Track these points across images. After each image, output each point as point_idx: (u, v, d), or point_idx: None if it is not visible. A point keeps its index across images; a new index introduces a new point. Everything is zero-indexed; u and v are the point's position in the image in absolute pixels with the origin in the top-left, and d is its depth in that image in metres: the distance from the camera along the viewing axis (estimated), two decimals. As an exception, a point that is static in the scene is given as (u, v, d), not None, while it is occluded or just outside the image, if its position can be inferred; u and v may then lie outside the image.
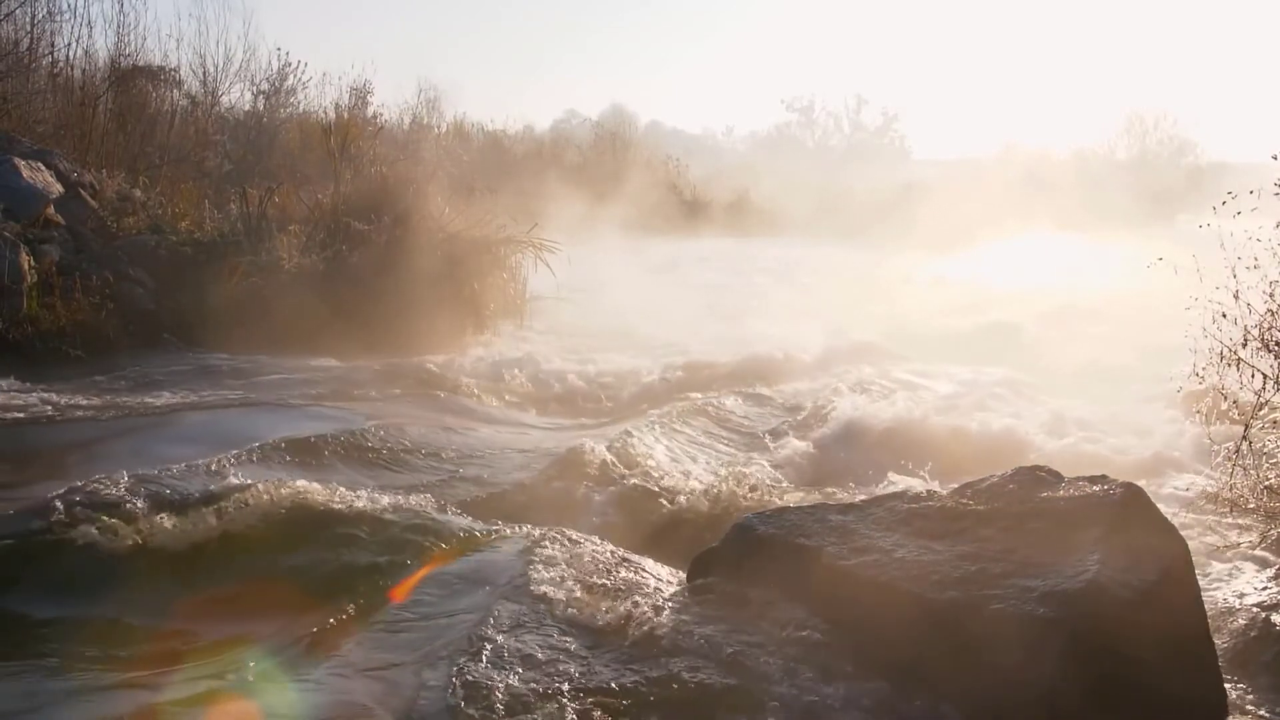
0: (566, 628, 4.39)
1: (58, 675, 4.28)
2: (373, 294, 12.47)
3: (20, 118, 15.63)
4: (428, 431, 8.03)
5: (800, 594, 4.40)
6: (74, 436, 7.88)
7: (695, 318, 16.01)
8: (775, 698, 3.88)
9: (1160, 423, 9.01)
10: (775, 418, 9.71)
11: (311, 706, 3.91)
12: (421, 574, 5.07)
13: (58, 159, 13.35)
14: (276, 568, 5.26)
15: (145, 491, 5.81)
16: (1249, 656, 4.57)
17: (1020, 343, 12.88)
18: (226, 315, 11.86)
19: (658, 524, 6.42)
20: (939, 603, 4.03)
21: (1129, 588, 3.94)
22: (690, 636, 4.24)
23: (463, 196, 16.64)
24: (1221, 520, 6.28)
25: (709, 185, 35.93)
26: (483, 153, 29.00)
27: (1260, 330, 5.82)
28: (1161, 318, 8.36)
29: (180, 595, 4.98)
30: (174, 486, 5.83)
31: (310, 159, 19.71)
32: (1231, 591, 5.22)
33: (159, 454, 6.75)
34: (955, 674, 3.89)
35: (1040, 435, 8.57)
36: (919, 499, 4.76)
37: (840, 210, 30.36)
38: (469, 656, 4.12)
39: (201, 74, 21.39)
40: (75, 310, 11.20)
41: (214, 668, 4.28)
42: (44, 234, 11.93)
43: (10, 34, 17.19)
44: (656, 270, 21.02)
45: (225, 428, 8.00)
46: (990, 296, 17.33)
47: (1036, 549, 4.20)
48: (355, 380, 10.46)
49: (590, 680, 3.94)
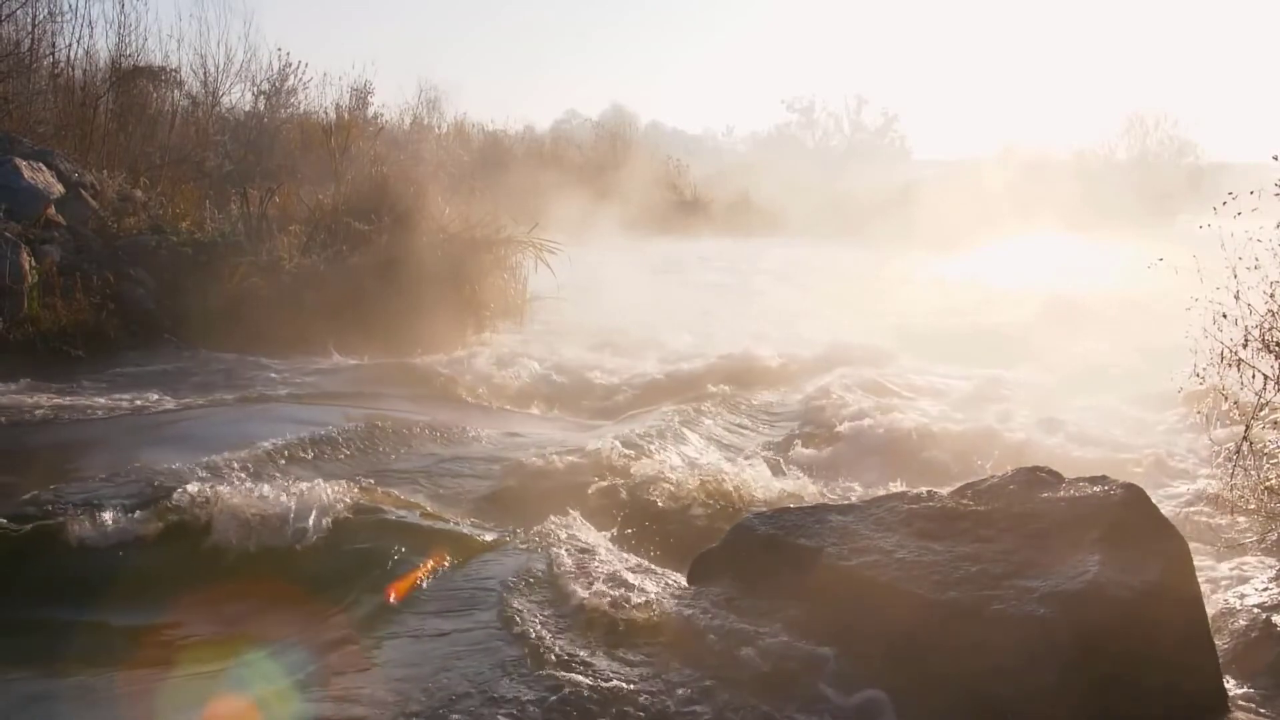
0: (565, 628, 4.38)
1: (57, 676, 4.28)
2: (373, 294, 12.47)
3: (21, 118, 15.64)
4: (427, 431, 8.04)
5: (800, 594, 4.39)
6: (74, 436, 7.88)
7: (695, 318, 16.01)
8: (775, 698, 3.88)
9: (1161, 423, 9.01)
10: (775, 418, 9.72)
11: (311, 706, 3.91)
12: (420, 574, 5.07)
13: (58, 159, 13.36)
14: (276, 568, 5.25)
15: (145, 491, 5.81)
16: (1250, 657, 4.57)
17: (1020, 343, 12.86)
18: (227, 315, 11.87)
19: (657, 524, 6.42)
20: (939, 603, 4.03)
21: (1129, 588, 3.94)
22: (690, 637, 4.24)
23: (463, 197, 16.64)
24: (1222, 521, 6.28)
25: (709, 185, 35.90)
26: (483, 153, 28.98)
27: (1261, 331, 5.81)
28: (1162, 318, 8.36)
29: (180, 595, 4.98)
30: (174, 487, 5.83)
31: (311, 159, 19.72)
32: (1232, 592, 5.21)
33: (159, 454, 6.74)
34: (956, 675, 3.89)
35: (1040, 436, 8.57)
36: (919, 499, 4.76)
37: (840, 210, 30.33)
38: (467, 657, 4.12)
39: (202, 74, 21.44)
40: (76, 310, 11.21)
41: (212, 668, 4.29)
42: (45, 234, 11.94)
43: (11, 34, 17.21)
44: (657, 270, 21.01)
45: (225, 428, 8.00)
46: (990, 297, 17.32)
47: (1037, 550, 4.20)
48: (356, 380, 10.47)
49: (590, 681, 3.93)
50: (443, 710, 3.80)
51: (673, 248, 25.19)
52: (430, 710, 3.82)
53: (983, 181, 28.70)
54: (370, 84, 24.81)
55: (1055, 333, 13.48)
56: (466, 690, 3.90)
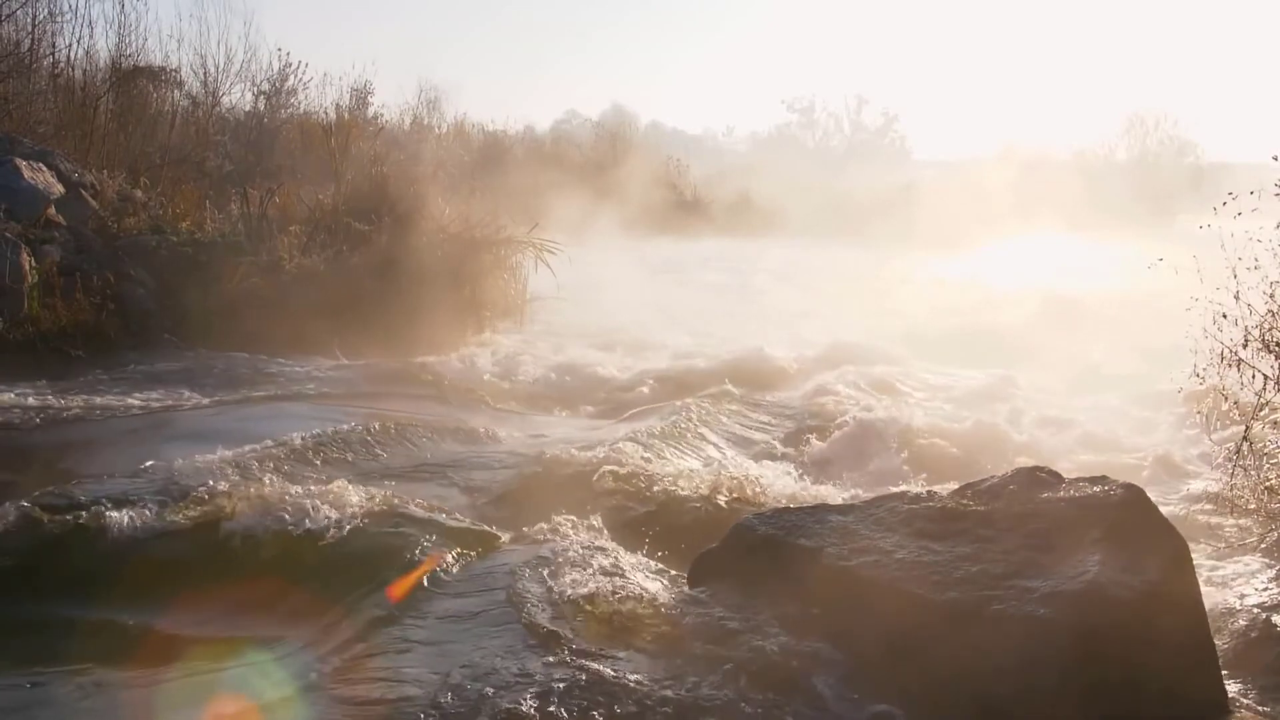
0: (566, 629, 4.38)
1: (58, 675, 4.28)
2: (373, 294, 12.47)
3: (21, 118, 15.64)
4: (428, 432, 8.04)
5: (800, 594, 4.39)
6: (74, 436, 7.89)
7: (695, 318, 16.01)
8: (775, 699, 3.88)
9: (1161, 423, 9.01)
10: (776, 418, 9.71)
11: (311, 706, 3.91)
12: (421, 574, 5.07)
13: (59, 159, 13.36)
14: (276, 567, 5.26)
15: (145, 492, 5.81)
16: (1250, 657, 4.57)
17: (1021, 343, 12.86)
18: (227, 315, 11.87)
19: (658, 524, 6.41)
20: (939, 603, 4.03)
21: (1129, 588, 3.94)
22: (690, 637, 4.24)
23: (463, 197, 16.64)
24: (1222, 521, 6.28)
25: (709, 185, 35.89)
26: (483, 153, 28.98)
27: (1261, 331, 5.82)
28: (1162, 318, 8.36)
29: (180, 595, 4.98)
30: (174, 487, 5.83)
31: (311, 159, 19.71)
32: (1232, 592, 5.21)
33: (159, 454, 6.75)
34: (956, 675, 3.89)
35: (1040, 435, 8.57)
36: (919, 499, 4.76)
37: (840, 211, 30.33)
38: (468, 657, 4.12)
39: (202, 74, 21.42)
40: (76, 310, 11.20)
41: (213, 667, 4.29)
42: (45, 234, 11.94)
43: (11, 35, 17.21)
44: (657, 270, 21.00)
45: (225, 428, 8.00)
46: (990, 297, 17.32)
47: (1037, 550, 4.20)
48: (356, 380, 10.47)
49: (590, 682, 3.93)
50: (442, 711, 3.80)
51: (673, 248, 25.18)
52: (430, 710, 3.82)
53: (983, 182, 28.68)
54: (370, 84, 24.85)
55: (1055, 333, 13.49)
56: (466, 691, 3.90)
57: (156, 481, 5.99)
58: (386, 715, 3.83)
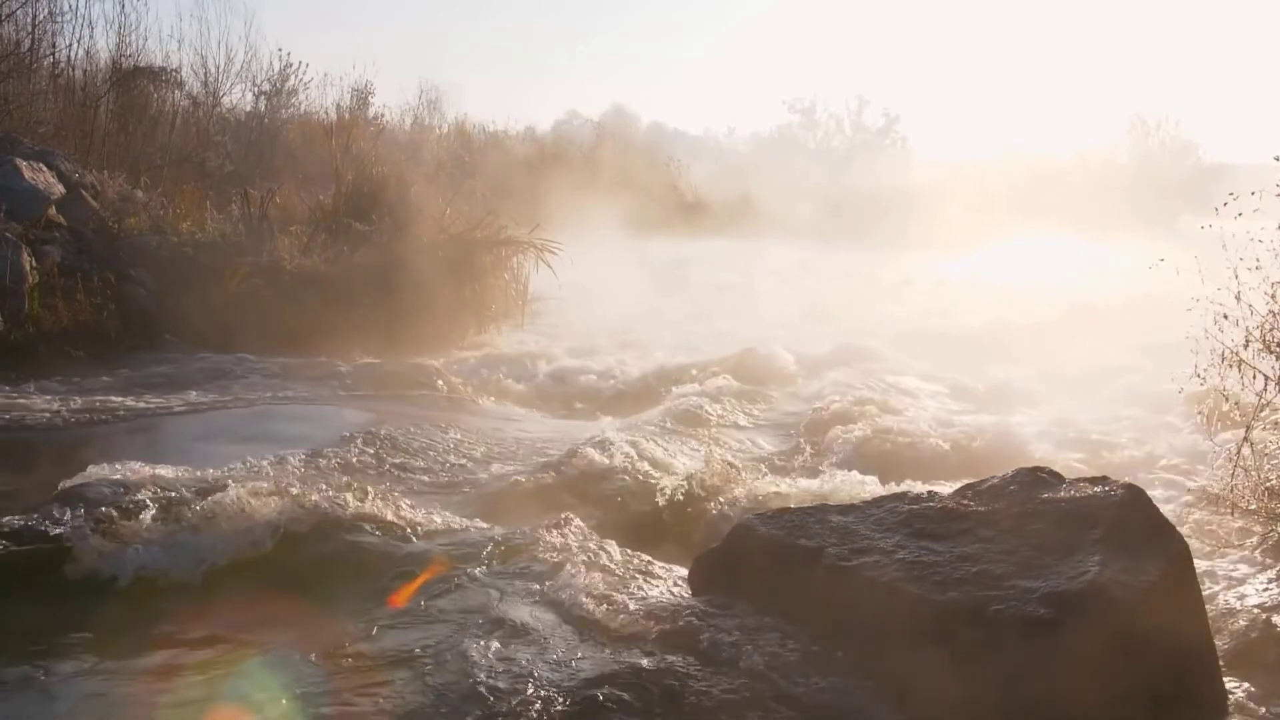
0: (567, 630, 4.38)
1: (57, 679, 4.27)
2: (374, 295, 12.46)
3: (22, 118, 15.64)
4: (428, 432, 8.04)
5: (800, 595, 4.39)
6: (74, 436, 7.89)
7: (696, 318, 16.02)
8: (775, 699, 3.88)
9: (1161, 424, 9.00)
10: (776, 418, 9.71)
11: (312, 710, 3.91)
12: (422, 577, 5.06)
13: (59, 160, 13.36)
14: (277, 570, 5.25)
15: (145, 493, 5.80)
16: (1250, 657, 4.57)
17: (1022, 344, 12.86)
18: (228, 316, 11.87)
19: (658, 525, 6.42)
20: (939, 604, 4.03)
21: (1130, 589, 3.94)
22: (690, 638, 4.24)
23: (464, 197, 16.64)
24: (1222, 521, 6.27)
25: (710, 186, 35.87)
26: (484, 153, 28.97)
27: (1262, 332, 5.82)
28: (1163, 319, 8.36)
29: (180, 598, 4.98)
30: (174, 488, 5.83)
31: (312, 160, 19.70)
32: (1232, 593, 5.21)
33: (160, 455, 6.74)
34: (956, 675, 3.89)
35: (1041, 436, 8.56)
36: (919, 500, 4.76)
37: (842, 211, 30.35)
38: (469, 660, 4.12)
39: (203, 75, 21.42)
40: (77, 311, 11.21)
41: (213, 672, 4.28)
42: (46, 235, 11.94)
43: (11, 35, 17.21)
44: (658, 271, 21.00)
45: (226, 429, 8.01)
46: (992, 298, 17.32)
47: (1037, 550, 4.19)
48: (357, 380, 10.46)
49: (591, 683, 3.93)
50: (443, 713, 3.80)
51: (674, 248, 25.15)
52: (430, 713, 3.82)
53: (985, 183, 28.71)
54: (371, 84, 24.85)
55: (1056, 333, 13.49)
56: (467, 693, 3.89)
57: (155, 483, 5.98)
58: (380, 717, 3.82)
